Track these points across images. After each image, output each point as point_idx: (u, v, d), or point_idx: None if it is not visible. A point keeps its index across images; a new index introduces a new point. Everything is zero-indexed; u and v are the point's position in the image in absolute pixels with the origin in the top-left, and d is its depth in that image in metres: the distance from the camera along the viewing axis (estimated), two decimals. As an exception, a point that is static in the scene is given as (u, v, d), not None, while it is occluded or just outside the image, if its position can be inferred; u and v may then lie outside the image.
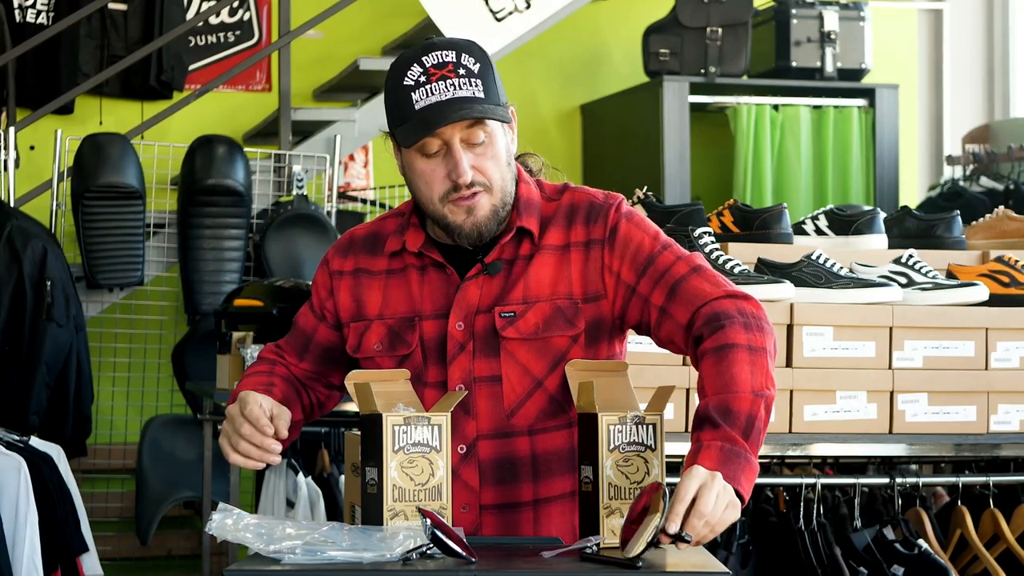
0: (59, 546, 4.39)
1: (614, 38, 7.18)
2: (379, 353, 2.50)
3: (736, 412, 2.29)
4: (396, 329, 2.49)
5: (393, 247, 2.53)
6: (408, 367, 2.46)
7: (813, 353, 3.65)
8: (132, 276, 5.70)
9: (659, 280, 2.44)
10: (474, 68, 2.40)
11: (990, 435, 3.73)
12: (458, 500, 2.43)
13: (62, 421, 5.11)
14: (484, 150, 2.42)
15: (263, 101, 6.89)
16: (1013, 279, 3.82)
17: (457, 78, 2.38)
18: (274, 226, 5.70)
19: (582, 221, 2.50)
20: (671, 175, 6.39)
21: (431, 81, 2.38)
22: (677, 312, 2.43)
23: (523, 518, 2.46)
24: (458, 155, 2.40)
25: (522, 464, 2.46)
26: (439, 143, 2.40)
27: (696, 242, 3.71)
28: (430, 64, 2.39)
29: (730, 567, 3.28)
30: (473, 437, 2.45)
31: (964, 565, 3.80)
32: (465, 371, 2.45)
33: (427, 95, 2.38)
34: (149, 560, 6.22)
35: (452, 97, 2.37)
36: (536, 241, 2.49)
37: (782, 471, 3.97)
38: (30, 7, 6.50)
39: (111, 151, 5.61)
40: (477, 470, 2.45)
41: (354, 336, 2.54)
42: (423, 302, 2.49)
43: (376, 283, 2.54)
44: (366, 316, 2.52)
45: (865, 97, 6.71)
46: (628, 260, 2.47)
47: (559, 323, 2.45)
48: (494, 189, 2.43)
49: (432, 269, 2.51)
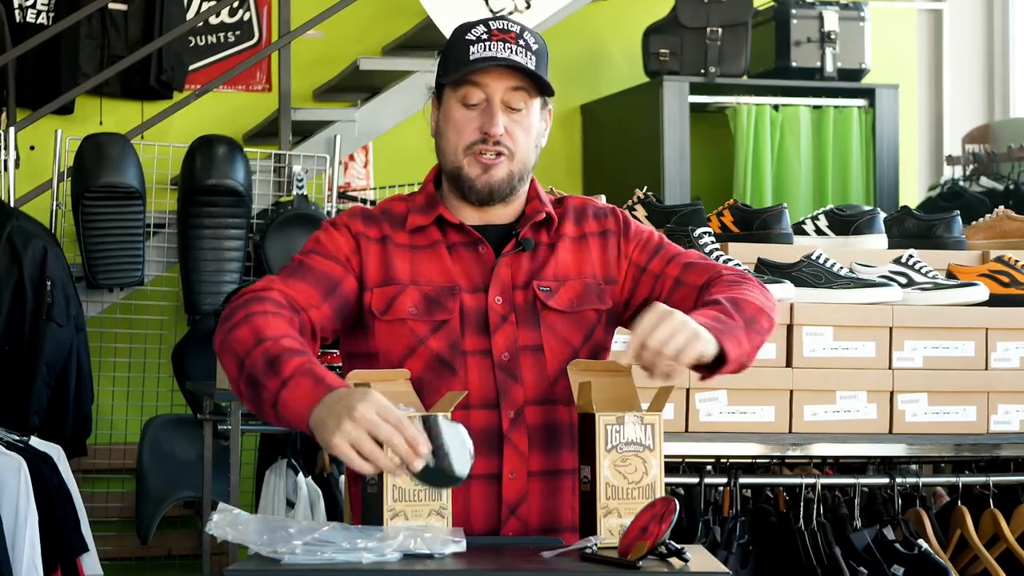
0: (59, 546, 4.39)
1: (614, 38, 7.17)
2: (413, 316, 2.49)
3: (743, 307, 2.42)
4: (434, 296, 2.50)
5: (417, 222, 2.55)
6: (443, 334, 2.48)
7: (813, 353, 3.65)
8: (132, 276, 5.70)
9: (672, 259, 2.59)
10: (533, 46, 2.51)
11: (990, 435, 3.73)
12: (508, 466, 2.46)
13: (62, 421, 5.11)
14: (520, 118, 2.51)
15: (263, 101, 6.89)
16: (1013, 279, 3.82)
17: (517, 46, 2.49)
18: (274, 226, 5.70)
19: (591, 217, 2.62)
20: (671, 175, 6.39)
21: (492, 40, 2.49)
22: (692, 278, 2.55)
23: (564, 486, 2.50)
24: (496, 109, 2.49)
25: (563, 432, 2.50)
26: (481, 96, 2.49)
27: (696, 242, 3.71)
28: (495, 27, 2.51)
29: (730, 567, 3.27)
30: (521, 403, 2.48)
31: (964, 565, 3.80)
32: (510, 340, 2.49)
33: (485, 49, 2.48)
34: (149, 560, 6.22)
35: (508, 57, 2.47)
36: (553, 231, 2.58)
37: (782, 471, 3.97)
38: (30, 7, 6.50)
39: (111, 151, 5.61)
40: (527, 434, 2.48)
41: (382, 299, 2.50)
42: (458, 276, 2.53)
43: (403, 253, 2.54)
44: (397, 281, 2.51)
45: (865, 97, 6.70)
46: (641, 246, 2.60)
47: (591, 298, 2.55)
48: (516, 158, 2.52)
49: (462, 247, 2.54)
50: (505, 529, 2.46)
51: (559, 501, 2.49)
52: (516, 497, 2.46)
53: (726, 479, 3.68)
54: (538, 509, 2.48)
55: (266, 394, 2.28)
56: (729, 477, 3.67)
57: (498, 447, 2.46)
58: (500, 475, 2.46)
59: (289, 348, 2.30)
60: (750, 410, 3.62)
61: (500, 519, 2.46)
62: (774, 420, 3.62)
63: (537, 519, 2.47)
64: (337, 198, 6.04)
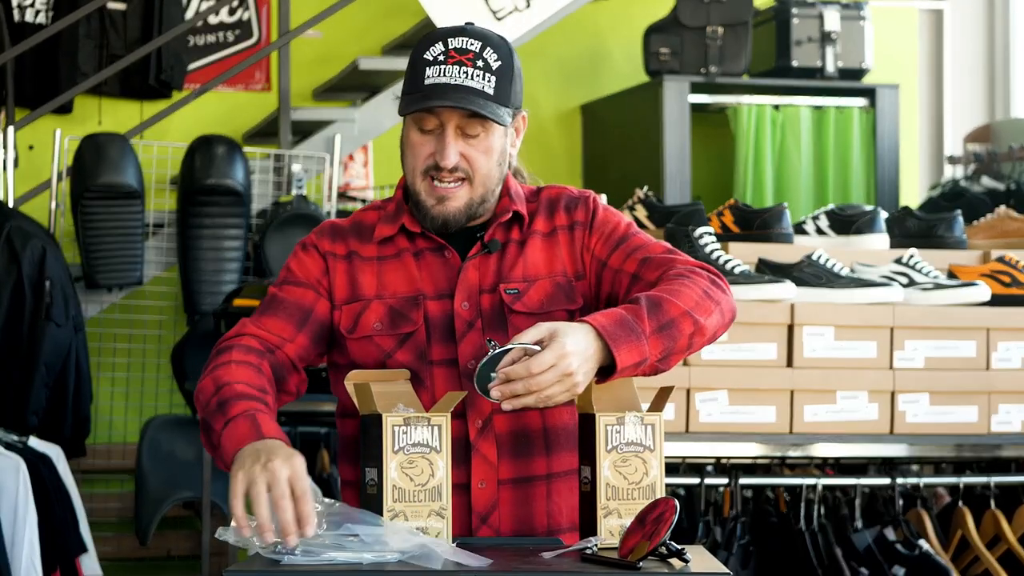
0: (58, 547, 4.39)
1: (614, 38, 7.17)
2: (378, 332, 2.49)
3: (664, 310, 2.34)
4: (398, 308, 2.49)
5: (384, 233, 2.54)
6: (410, 346, 2.47)
7: (814, 353, 3.64)
8: (131, 276, 5.70)
9: (632, 253, 2.50)
10: (494, 64, 2.44)
11: (991, 435, 3.73)
12: (476, 476, 2.45)
13: (61, 421, 5.10)
14: (477, 142, 2.46)
15: (263, 101, 6.89)
16: (1014, 279, 3.81)
17: (473, 68, 2.42)
18: (274, 226, 5.69)
19: (563, 209, 2.56)
20: (671, 175, 6.38)
21: (448, 63, 2.42)
22: (648, 274, 2.48)
23: (537, 493, 2.48)
24: (448, 139, 2.43)
25: (535, 438, 2.48)
26: (436, 122, 2.44)
27: (696, 242, 3.70)
28: (452, 47, 2.43)
29: (730, 567, 3.27)
30: (489, 411, 2.46)
31: (965, 566, 3.79)
32: (476, 347, 2.46)
33: (439, 74, 2.42)
34: (149, 560, 6.21)
35: (460, 84, 2.41)
36: (524, 228, 2.54)
37: (783, 471, 3.97)
38: (29, 7, 6.49)
39: (110, 151, 5.60)
40: (495, 443, 2.46)
41: (349, 317, 2.51)
42: (423, 283, 2.51)
43: (369, 267, 2.53)
44: (362, 296, 2.51)
45: (866, 97, 6.70)
46: (604, 238, 2.53)
47: (560, 298, 2.50)
48: (475, 181, 2.47)
49: (429, 253, 2.52)
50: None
51: (532, 508, 2.47)
52: (486, 507, 2.44)
53: (726, 480, 3.67)
54: (509, 517, 2.46)
55: (213, 436, 2.34)
56: (730, 478, 3.66)
57: (466, 457, 2.44)
58: (469, 485, 2.44)
59: (240, 393, 2.35)
60: (750, 410, 3.61)
61: (471, 528, 2.44)
62: (775, 420, 3.62)
63: (509, 526, 2.46)
64: (337, 198, 6.04)
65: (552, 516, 2.48)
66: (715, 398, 3.59)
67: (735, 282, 3.58)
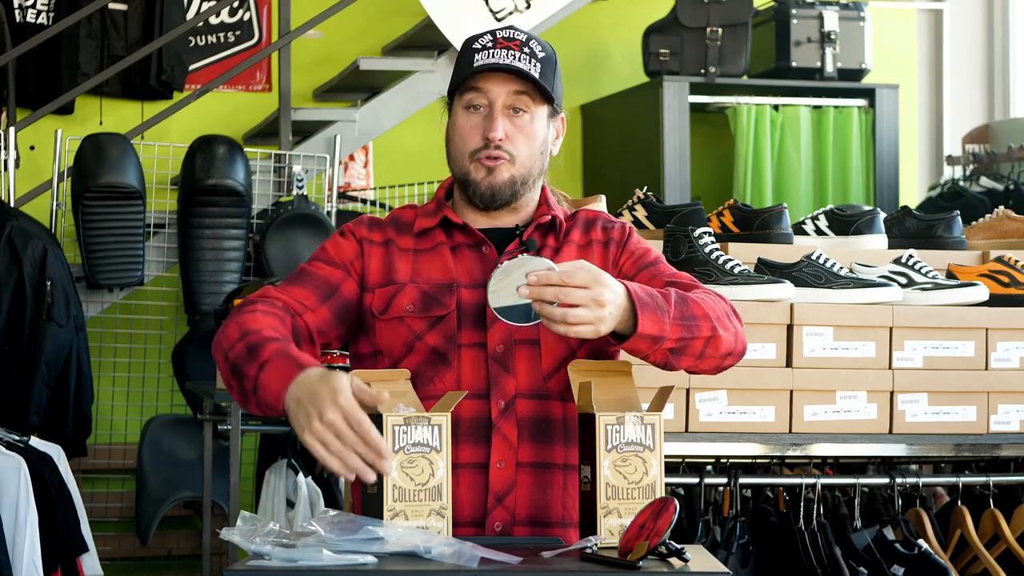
0: (59, 546, 4.39)
1: (614, 38, 7.17)
2: (411, 313, 2.53)
3: (689, 307, 2.43)
4: (431, 293, 2.54)
5: (423, 225, 2.61)
6: (440, 329, 2.51)
7: (813, 353, 3.65)
8: (132, 276, 5.70)
9: (658, 276, 2.58)
10: (539, 55, 2.57)
11: (990, 435, 3.73)
12: (496, 455, 2.48)
13: (62, 421, 5.11)
14: (522, 124, 2.57)
15: (263, 101, 6.89)
16: (1013, 279, 3.82)
17: (521, 53, 2.55)
18: (274, 226, 5.70)
19: (600, 228, 2.67)
20: (671, 175, 6.39)
21: (496, 47, 2.54)
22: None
23: (555, 480, 2.51)
24: (496, 113, 2.54)
25: (556, 427, 2.52)
26: (484, 101, 2.55)
27: (696, 242, 3.71)
28: (501, 36, 2.56)
29: (730, 567, 3.28)
30: (512, 394, 2.50)
31: (964, 565, 3.80)
32: (506, 333, 2.51)
33: (489, 56, 2.54)
34: (149, 560, 6.22)
35: (510, 63, 2.53)
36: (560, 236, 2.63)
37: (782, 471, 3.98)
38: (30, 7, 6.50)
39: (111, 151, 5.61)
40: (516, 425, 2.50)
41: (382, 299, 2.55)
42: (459, 274, 2.56)
43: (406, 256, 2.59)
44: (397, 281, 2.56)
45: (865, 97, 6.71)
46: (634, 260, 2.62)
47: None
48: (517, 163, 2.57)
49: (466, 248, 2.59)
50: (491, 518, 2.48)
51: (548, 495, 2.50)
52: (503, 487, 2.48)
53: (726, 479, 3.68)
54: (525, 500, 2.49)
55: (247, 381, 2.35)
56: (729, 477, 3.67)
57: (486, 436, 2.49)
58: (488, 464, 2.48)
59: (269, 336, 2.37)
60: (750, 410, 3.62)
61: (486, 508, 2.47)
62: (774, 420, 3.62)
63: (524, 510, 2.49)
64: (337, 198, 6.04)
65: (567, 508, 2.51)
66: (715, 398, 3.60)
67: (735, 282, 3.59)
